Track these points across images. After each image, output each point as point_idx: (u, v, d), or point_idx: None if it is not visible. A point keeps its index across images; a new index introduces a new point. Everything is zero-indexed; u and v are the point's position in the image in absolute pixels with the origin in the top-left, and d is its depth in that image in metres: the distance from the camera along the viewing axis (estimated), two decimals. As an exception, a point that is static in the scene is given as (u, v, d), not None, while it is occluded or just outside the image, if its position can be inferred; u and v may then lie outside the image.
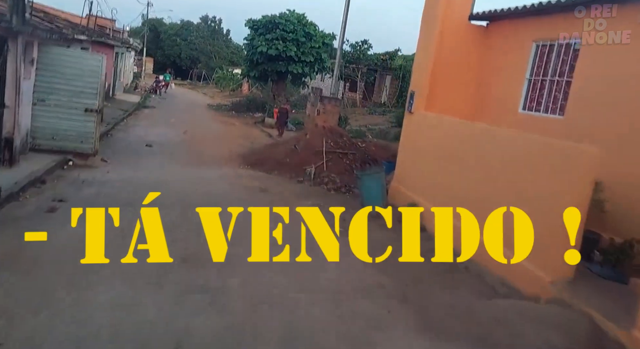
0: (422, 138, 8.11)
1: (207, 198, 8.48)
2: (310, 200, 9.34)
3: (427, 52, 8.31)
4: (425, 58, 8.34)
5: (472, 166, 6.51)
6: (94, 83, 10.01)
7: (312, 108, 17.45)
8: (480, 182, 6.32)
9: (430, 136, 7.78)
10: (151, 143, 14.24)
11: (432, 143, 7.71)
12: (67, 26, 16.78)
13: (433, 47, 8.18)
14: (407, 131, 8.82)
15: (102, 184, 8.74)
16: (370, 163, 12.64)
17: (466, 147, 6.70)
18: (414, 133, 8.43)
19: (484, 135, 6.40)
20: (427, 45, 8.33)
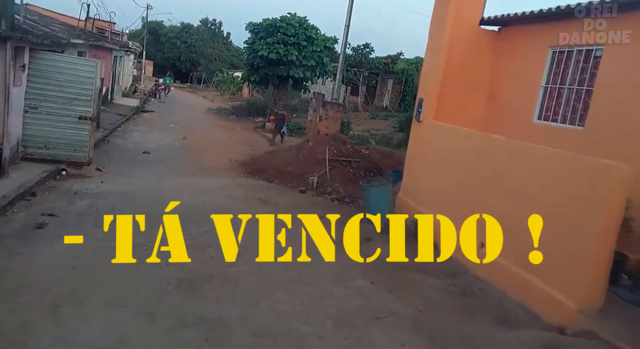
0: (431, 149, 7.71)
1: (205, 211, 8.06)
2: (313, 212, 8.92)
3: (437, 58, 7.92)
4: (435, 65, 7.95)
5: (487, 181, 6.12)
6: (88, 90, 9.63)
7: (314, 114, 17.03)
8: (496, 198, 5.93)
9: (441, 147, 7.38)
10: (149, 150, 13.87)
11: (442, 155, 7.32)
12: (63, 30, 16.44)
13: (443, 53, 7.79)
14: (415, 141, 8.42)
15: (96, 196, 8.34)
16: (374, 172, 12.26)
17: (481, 160, 6.30)
18: (423, 144, 8.03)
19: (501, 148, 6.01)
20: (437, 51, 7.95)
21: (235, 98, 39.36)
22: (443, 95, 7.91)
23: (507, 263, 5.53)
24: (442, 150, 7.35)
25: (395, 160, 13.72)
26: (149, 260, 5.65)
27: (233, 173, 12.12)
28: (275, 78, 22.90)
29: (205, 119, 25.63)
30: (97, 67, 9.65)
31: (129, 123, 19.70)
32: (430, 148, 7.74)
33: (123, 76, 32.41)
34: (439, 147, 7.45)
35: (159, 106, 28.93)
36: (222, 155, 14.68)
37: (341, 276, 5.85)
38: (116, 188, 9.05)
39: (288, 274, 5.72)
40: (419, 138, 8.23)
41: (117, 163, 11.57)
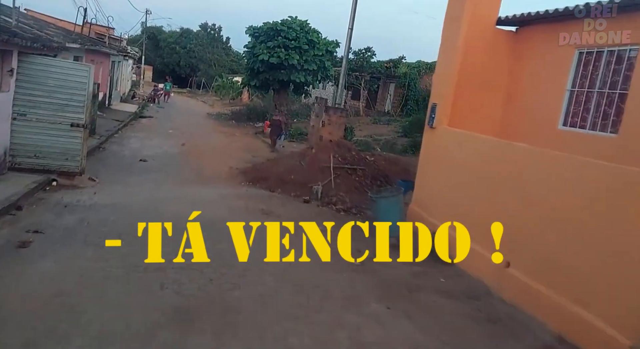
0: (446, 158, 7.19)
1: (204, 224, 7.53)
2: (319, 225, 8.40)
3: (451, 61, 7.41)
4: (449, 68, 7.44)
5: (512, 194, 5.60)
6: (80, 96, 9.11)
7: (316, 120, 16.50)
8: (523, 214, 5.40)
9: (457, 155, 6.86)
10: (146, 157, 13.34)
11: (459, 164, 6.79)
12: (58, 34, 15.96)
13: (457, 55, 7.29)
14: (427, 148, 7.90)
15: (87, 209, 7.80)
16: (381, 180, 11.73)
17: (504, 170, 5.78)
18: (437, 151, 7.51)
19: (527, 157, 5.49)
20: (451, 53, 7.45)
21: (234, 103, 38.95)
22: (457, 99, 7.40)
23: (538, 286, 4.99)
24: (459, 158, 6.83)
25: (401, 166, 13.22)
26: (141, 284, 5.11)
27: (233, 182, 11.59)
28: (276, 82, 22.39)
29: (204, 125, 25.14)
30: (90, 71, 9.13)
31: (126, 129, 19.20)
32: (444, 157, 7.22)
33: (121, 81, 31.97)
34: (455, 155, 6.93)
35: (158, 111, 28.47)
36: (222, 162, 14.15)
37: (353, 300, 5.31)
38: (110, 199, 8.52)
39: (295, 298, 5.18)
40: (432, 146, 7.70)
41: (112, 172, 11.04)
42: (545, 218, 5.07)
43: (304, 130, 23.20)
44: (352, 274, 6.14)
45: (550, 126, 6.95)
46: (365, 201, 10.34)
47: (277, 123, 17.61)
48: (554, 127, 6.94)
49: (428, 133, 7.88)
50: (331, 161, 11.50)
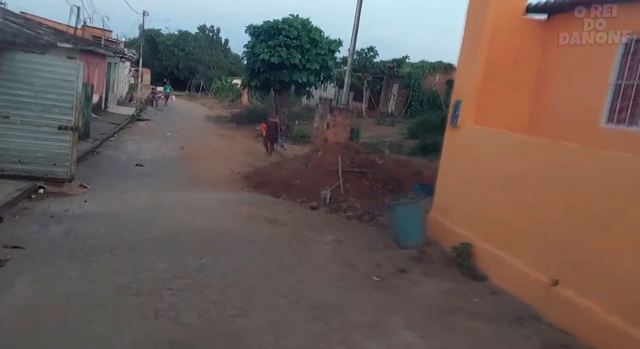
0: (473, 160, 6.47)
1: (204, 235, 6.81)
2: (329, 234, 7.69)
3: (476, 53, 6.70)
4: (474, 61, 6.73)
5: (556, 198, 4.88)
6: (68, 96, 8.38)
7: (320, 121, 15.81)
8: (571, 221, 4.68)
9: (488, 157, 6.14)
10: (143, 161, 12.61)
11: (489, 166, 6.07)
12: (49, 33, 15.24)
13: (483, 47, 6.58)
14: (450, 149, 7.17)
15: (76, 219, 7.06)
16: (393, 184, 10.99)
17: (547, 173, 5.07)
18: (462, 153, 6.78)
19: (578, 157, 4.76)
20: (475, 45, 6.74)
21: (234, 106, 38.30)
22: (482, 95, 6.68)
23: (597, 308, 4.27)
24: (489, 160, 6.11)
25: (412, 169, 12.47)
26: (132, 311, 4.38)
27: (235, 187, 10.86)
28: (277, 83, 21.67)
29: (204, 127, 24.44)
30: (79, 69, 8.41)
31: (123, 133, 18.50)
32: (471, 158, 6.49)
33: (118, 84, 31.27)
34: (485, 156, 6.20)
35: (156, 114, 27.80)
36: (222, 165, 13.44)
37: (379, 327, 4.57)
38: (101, 208, 7.79)
39: (312, 326, 4.45)
40: (456, 146, 6.98)
41: (105, 177, 10.31)
42: (602, 228, 4.36)
43: (306, 133, 22.50)
44: (372, 293, 5.42)
45: (592, 123, 6.22)
46: (378, 208, 9.63)
47: (273, 126, 16.74)
48: (595, 124, 6.21)
49: (450, 132, 7.15)
50: (339, 164, 10.77)
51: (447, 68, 31.30)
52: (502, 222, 5.67)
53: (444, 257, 6.40)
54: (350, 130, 15.96)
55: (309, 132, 22.45)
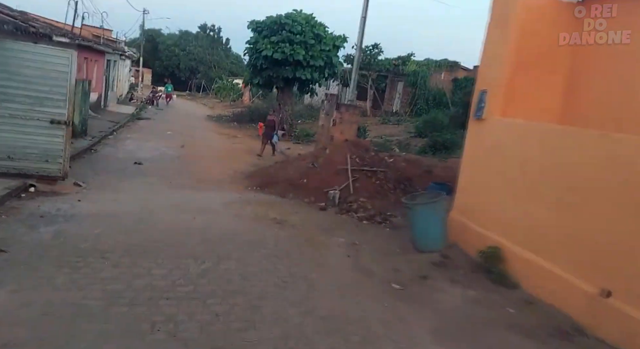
0: (502, 156, 5.90)
1: (207, 238, 6.26)
2: (341, 236, 7.13)
3: (505, 36, 6.12)
4: (502, 45, 6.14)
5: (609, 200, 4.32)
6: (61, 87, 7.85)
7: (326, 118, 15.17)
8: (623, 222, 4.13)
9: (522, 151, 5.56)
10: (142, 160, 12.05)
11: (523, 163, 5.50)
12: (45, 27, 14.71)
13: (513, 29, 6.01)
14: (474, 145, 6.60)
15: (67, 220, 6.51)
16: (404, 183, 10.44)
17: (594, 168, 4.51)
18: (489, 147, 6.21)
19: (636, 150, 4.20)
20: (504, 28, 6.16)
21: (235, 105, 37.75)
22: (513, 84, 6.11)
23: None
24: (523, 155, 5.53)
25: (423, 168, 11.91)
26: (125, 323, 3.83)
27: (239, 187, 10.31)
28: (280, 80, 21.09)
29: (205, 127, 23.89)
30: (72, 58, 7.87)
31: (122, 131, 17.94)
32: (501, 154, 5.92)
33: (118, 82, 30.73)
34: (518, 152, 5.63)
35: (156, 113, 27.24)
36: (224, 165, 12.90)
37: (405, 340, 4.03)
38: (95, 208, 7.24)
39: (329, 341, 3.90)
40: (481, 141, 6.40)
41: (102, 176, 9.76)
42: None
43: (309, 132, 21.94)
44: (393, 302, 4.86)
45: (636, 116, 5.66)
46: (390, 208, 9.08)
47: (271, 124, 15.82)
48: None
49: (474, 126, 6.58)
50: (348, 163, 10.22)
51: (452, 67, 30.77)
52: (539, 224, 5.11)
53: (469, 262, 5.84)
54: (357, 128, 15.38)
55: (312, 131, 21.91)
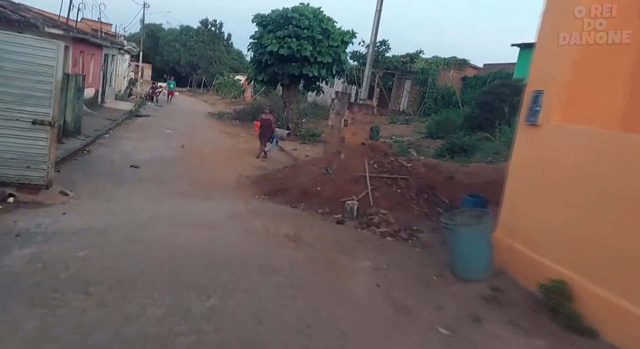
0: (563, 167, 4.94)
1: (211, 262, 5.31)
2: (365, 258, 6.18)
3: (565, 27, 5.17)
4: (561, 37, 5.19)
5: None
6: (46, 83, 6.88)
7: (337, 118, 14.22)
8: None
9: (587, 164, 4.63)
10: (138, 162, 11.08)
11: (599, 178, 4.54)
12: (36, 17, 13.73)
13: (580, 20, 5.06)
14: (526, 153, 5.63)
15: (48, 239, 5.55)
16: (427, 193, 9.49)
17: None
18: (548, 159, 5.23)
19: None
20: (564, 18, 5.21)
21: (237, 102, 36.79)
22: (575, 84, 5.15)
23: None
24: (591, 170, 4.59)
25: (444, 174, 10.97)
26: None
27: (244, 194, 9.35)
28: (286, 77, 20.08)
29: (206, 125, 22.93)
30: (58, 50, 6.90)
31: (119, 129, 16.97)
32: (561, 167, 4.97)
33: (116, 77, 29.72)
34: (583, 165, 4.69)
35: (156, 110, 26.28)
36: (228, 168, 11.95)
37: None
38: (82, 222, 6.28)
39: None
40: (536, 151, 5.43)
41: (93, 181, 8.80)
42: None
43: (316, 131, 20.97)
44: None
45: None
46: (414, 221, 8.16)
47: (267, 124, 14.55)
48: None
49: (526, 132, 5.60)
50: (366, 169, 9.27)
51: (461, 64, 29.88)
52: (622, 254, 4.16)
53: (526, 298, 4.89)
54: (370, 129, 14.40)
55: (318, 131, 20.95)
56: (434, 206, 9.03)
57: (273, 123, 14.76)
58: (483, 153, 13.80)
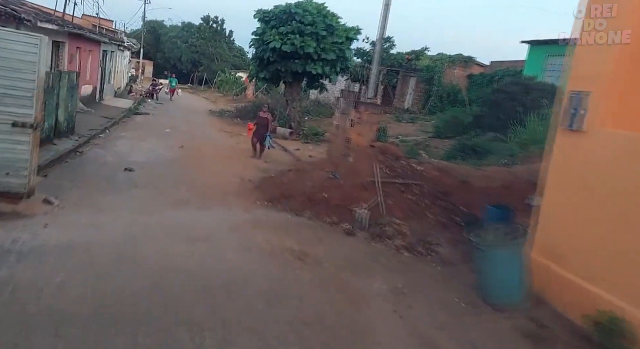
0: (616, 180, 4.28)
1: (208, 289, 4.65)
2: (381, 279, 5.52)
3: (619, 17, 4.49)
4: (616, 26, 4.51)
5: None
6: (27, 81, 6.22)
7: (342, 118, 13.53)
8: None
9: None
10: (133, 165, 10.39)
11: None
12: (28, 11, 13.05)
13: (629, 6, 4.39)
14: (566, 162, 4.94)
15: (23, 258, 4.89)
16: (443, 199, 8.81)
17: None
18: (591, 168, 4.57)
19: None
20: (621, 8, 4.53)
21: (238, 100, 36.12)
22: (627, 85, 4.47)
23: None
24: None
25: (458, 178, 10.27)
26: None
27: (246, 201, 8.66)
28: (289, 74, 19.37)
29: (207, 123, 22.27)
30: (42, 45, 6.23)
31: (116, 128, 16.31)
32: (616, 181, 4.29)
33: (116, 74, 29.04)
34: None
35: (156, 108, 25.64)
36: (229, 170, 11.26)
37: None
38: (65, 237, 5.63)
39: None
40: (580, 160, 4.75)
41: (82, 188, 8.14)
42: None
43: (318, 130, 20.29)
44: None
45: None
46: (430, 232, 7.49)
47: (263, 123, 13.87)
48: None
49: (566, 138, 4.91)
50: (377, 174, 8.59)
51: (466, 62, 29.15)
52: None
53: (572, 332, 4.23)
54: (377, 130, 13.73)
55: (321, 129, 20.27)
56: (450, 215, 8.35)
57: (270, 122, 14.06)
58: (496, 155, 13.10)
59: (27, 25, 10.45)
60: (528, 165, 11.66)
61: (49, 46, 13.54)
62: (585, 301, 4.27)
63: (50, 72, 11.46)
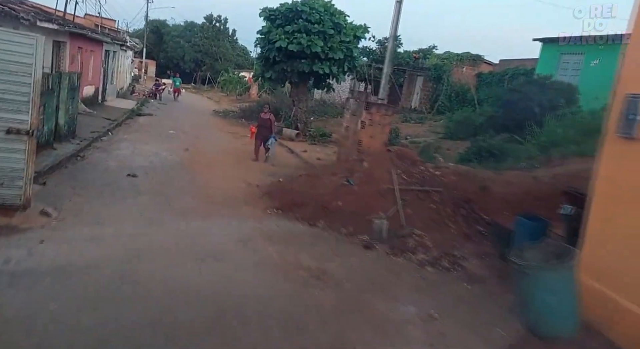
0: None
1: (218, 319, 4.16)
2: (407, 300, 5.03)
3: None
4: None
5: None
6: (22, 84, 5.77)
7: (352, 120, 13.03)
8: None
9: None
10: (136, 170, 9.92)
11: None
12: (27, 11, 12.61)
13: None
14: (620, 173, 4.42)
15: (14, 281, 4.43)
16: (464, 208, 8.30)
17: None
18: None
19: None
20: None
21: (242, 100, 35.66)
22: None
23: None
24: None
25: (476, 184, 9.75)
26: None
27: (256, 209, 8.17)
28: (295, 74, 18.85)
29: (211, 123, 21.82)
30: (37, 45, 5.76)
31: (118, 130, 15.85)
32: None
33: (118, 74, 28.62)
34: None
35: (159, 108, 25.22)
36: (235, 174, 10.80)
37: None
38: (63, 255, 5.17)
39: None
40: (636, 171, 4.25)
41: (84, 196, 7.67)
42: None
43: (325, 131, 19.81)
44: None
45: None
46: (454, 244, 7.00)
47: (266, 124, 13.25)
48: None
49: (620, 146, 4.39)
50: (395, 181, 8.10)
51: (475, 60, 28.63)
52: None
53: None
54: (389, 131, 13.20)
55: (328, 131, 19.79)
56: (473, 224, 7.86)
57: (273, 124, 13.53)
58: (514, 158, 12.59)
59: (25, 24, 9.99)
60: (549, 168, 11.16)
61: (48, 46, 13.11)
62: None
63: (49, 73, 11.01)
